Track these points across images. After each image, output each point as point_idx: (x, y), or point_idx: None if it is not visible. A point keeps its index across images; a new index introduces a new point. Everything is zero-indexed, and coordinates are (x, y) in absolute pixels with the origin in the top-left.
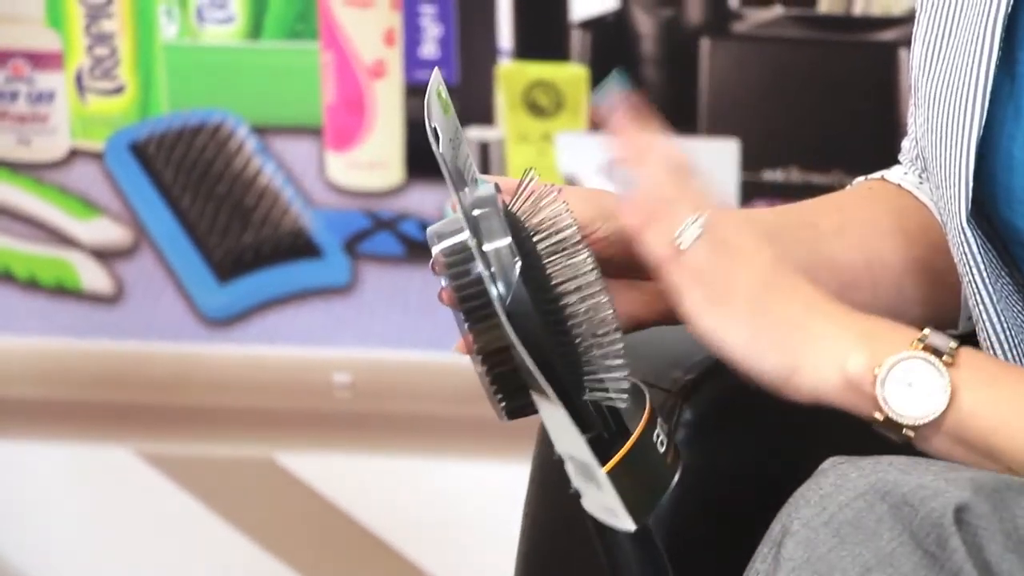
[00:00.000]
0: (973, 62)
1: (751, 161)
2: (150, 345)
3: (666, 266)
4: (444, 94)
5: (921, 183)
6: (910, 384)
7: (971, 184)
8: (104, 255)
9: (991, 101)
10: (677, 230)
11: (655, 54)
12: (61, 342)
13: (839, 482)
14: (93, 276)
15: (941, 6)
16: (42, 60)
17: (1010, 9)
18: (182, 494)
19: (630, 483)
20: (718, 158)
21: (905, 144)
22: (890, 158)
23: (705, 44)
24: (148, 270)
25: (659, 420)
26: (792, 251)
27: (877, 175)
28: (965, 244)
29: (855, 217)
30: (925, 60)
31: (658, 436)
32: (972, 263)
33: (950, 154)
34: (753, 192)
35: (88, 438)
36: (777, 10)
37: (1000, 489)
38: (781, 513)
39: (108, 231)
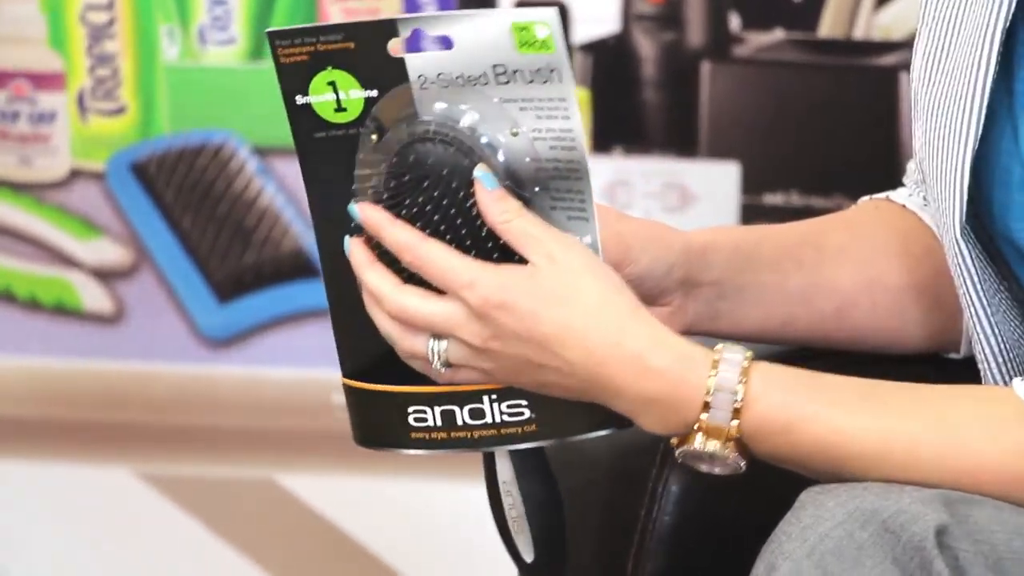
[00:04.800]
0: (971, 76)
1: (752, 184)
2: (150, 365)
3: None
4: (551, 31)
5: (925, 204)
6: (709, 457)
7: (966, 197)
8: (105, 275)
9: (989, 116)
10: (431, 360)
11: (656, 77)
12: (61, 362)
13: (818, 512)
14: (94, 296)
15: (942, 19)
16: (44, 81)
17: (1008, 24)
18: (181, 514)
19: (364, 412)
20: (719, 181)
21: (910, 166)
22: (891, 182)
23: (706, 67)
24: (148, 290)
25: (439, 407)
26: (793, 275)
27: (882, 195)
28: (959, 257)
29: (861, 236)
30: (925, 72)
31: (420, 411)
32: (967, 276)
33: (946, 167)
34: (754, 215)
35: (87, 458)
36: (778, 34)
37: (955, 502)
38: (764, 551)
39: (109, 251)
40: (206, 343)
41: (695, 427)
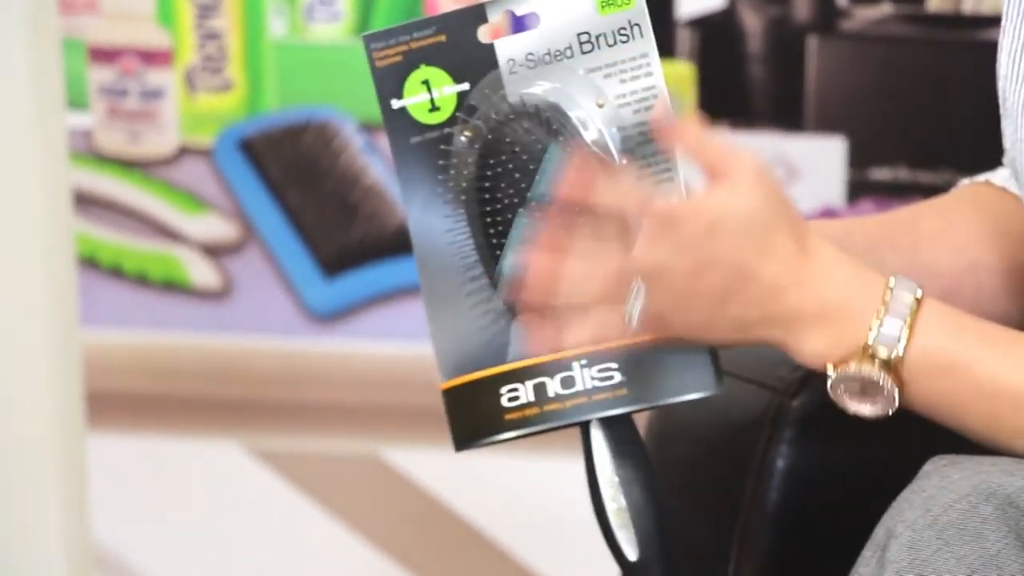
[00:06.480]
0: None
1: (858, 159)
2: (257, 340)
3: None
4: None
5: None
6: (861, 390)
7: None
8: (212, 251)
9: None
10: (626, 313)
11: (762, 52)
12: (169, 337)
13: (943, 484)
14: (201, 272)
15: None
16: (152, 57)
17: None
18: (288, 489)
19: (460, 412)
20: (825, 156)
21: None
22: (998, 157)
23: (812, 42)
24: (256, 266)
25: (531, 381)
26: (889, 259)
27: (982, 178)
28: None
29: (956, 221)
30: (1012, 70)
31: (513, 389)
32: None
33: None
34: (860, 190)
35: (195, 433)
36: (885, 8)
37: None
38: (885, 517)
39: (216, 227)
40: (312, 318)
41: (861, 347)
